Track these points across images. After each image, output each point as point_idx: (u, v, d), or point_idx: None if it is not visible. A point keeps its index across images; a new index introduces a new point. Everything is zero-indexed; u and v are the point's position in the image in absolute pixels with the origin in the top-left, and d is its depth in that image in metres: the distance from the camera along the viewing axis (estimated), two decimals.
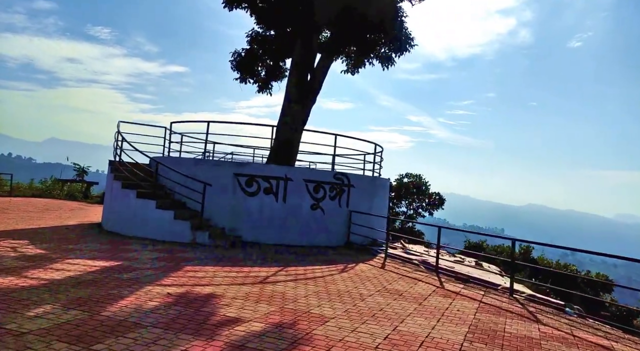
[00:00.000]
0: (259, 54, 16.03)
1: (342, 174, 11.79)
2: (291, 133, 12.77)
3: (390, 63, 15.09)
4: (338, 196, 11.58)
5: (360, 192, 12.03)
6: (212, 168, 10.77)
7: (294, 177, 11.05)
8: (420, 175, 22.11)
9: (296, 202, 11.08)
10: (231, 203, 10.69)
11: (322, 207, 11.35)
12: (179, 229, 9.64)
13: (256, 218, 10.78)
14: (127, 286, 5.36)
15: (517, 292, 7.22)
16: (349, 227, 11.64)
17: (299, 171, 11.16)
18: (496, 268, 13.00)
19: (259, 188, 10.80)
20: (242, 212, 10.72)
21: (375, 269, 8.42)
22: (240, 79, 16.18)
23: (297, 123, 12.88)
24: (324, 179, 11.39)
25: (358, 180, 12.04)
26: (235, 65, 16.01)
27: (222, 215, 10.65)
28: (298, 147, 13.08)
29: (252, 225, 10.76)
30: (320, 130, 13.11)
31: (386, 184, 13.77)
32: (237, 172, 10.72)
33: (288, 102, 13.20)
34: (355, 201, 11.85)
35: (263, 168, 10.94)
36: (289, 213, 11.00)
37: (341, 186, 11.64)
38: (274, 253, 9.33)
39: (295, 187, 11.07)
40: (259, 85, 16.60)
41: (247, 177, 10.76)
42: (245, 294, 5.52)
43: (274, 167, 11.09)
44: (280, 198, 10.94)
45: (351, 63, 15.92)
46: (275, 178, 10.91)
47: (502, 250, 22.15)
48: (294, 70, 13.54)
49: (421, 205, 21.68)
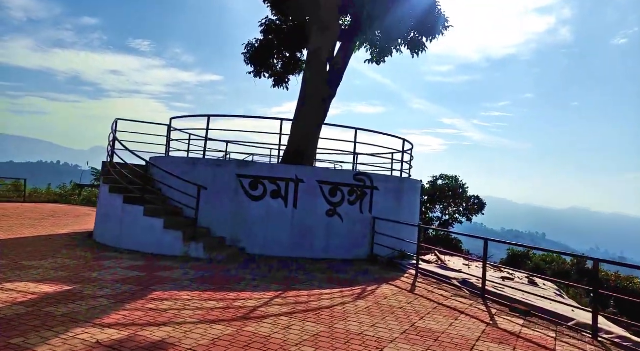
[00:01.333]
0: (275, 45, 14.54)
1: (364, 174, 10.02)
2: (308, 130, 11.12)
3: (420, 49, 13.20)
4: (359, 200, 9.82)
5: (385, 196, 10.21)
6: (212, 169, 9.28)
7: (305, 178, 9.39)
8: (457, 176, 19.95)
9: (309, 207, 9.41)
10: (233, 209, 9.15)
11: (340, 213, 9.62)
12: (170, 240, 8.18)
13: (262, 226, 9.19)
14: (47, 329, 3.85)
15: (602, 331, 5.21)
16: (372, 237, 9.84)
17: (312, 171, 9.50)
18: (553, 286, 10.80)
19: (265, 192, 9.22)
20: (245, 219, 9.15)
21: (402, 294, 6.60)
22: (255, 73, 14.76)
23: (315, 119, 11.22)
24: (342, 180, 9.67)
25: (383, 181, 10.23)
26: (248, 57, 14.61)
27: (222, 223, 9.12)
28: (316, 145, 11.42)
29: (256, 235, 9.17)
30: (340, 124, 11.37)
31: (417, 186, 11.86)
32: (239, 173, 9.18)
33: (304, 95, 11.57)
34: (380, 206, 10.05)
35: (270, 169, 9.36)
36: (300, 221, 9.35)
37: (363, 188, 9.87)
38: (278, 270, 7.68)
39: (307, 190, 9.41)
40: (274, 79, 15.14)
41: (251, 179, 9.20)
42: (210, 341, 3.88)
43: (282, 167, 9.47)
44: (290, 202, 9.30)
45: (376, 51, 14.15)
46: (283, 180, 9.29)
47: (552, 260, 19.59)
48: (311, 60, 11.90)
49: (458, 210, 19.51)
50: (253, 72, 14.61)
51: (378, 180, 10.12)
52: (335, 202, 9.59)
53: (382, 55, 14.14)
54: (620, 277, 16.91)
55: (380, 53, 14.08)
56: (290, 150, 10.93)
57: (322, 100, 11.52)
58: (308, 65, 11.94)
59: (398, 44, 13.70)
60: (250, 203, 9.17)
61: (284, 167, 9.45)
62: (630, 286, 16.39)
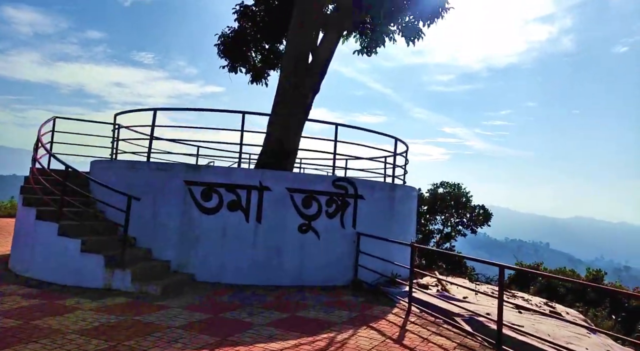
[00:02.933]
0: (252, 35, 12.84)
1: (346, 180, 8.19)
2: (287, 130, 9.32)
3: (417, 36, 11.45)
4: (340, 212, 7.98)
5: (373, 206, 8.37)
6: (154, 175, 7.46)
7: (272, 185, 7.57)
8: (459, 184, 18.08)
9: (276, 221, 7.57)
10: (181, 225, 7.32)
11: (316, 229, 7.77)
12: (88, 267, 6.31)
13: (216, 246, 7.34)
14: None
15: None
16: (356, 258, 7.98)
17: (281, 176, 7.67)
18: (578, 315, 8.88)
19: (220, 203, 7.39)
20: (196, 237, 7.31)
21: (385, 346, 4.72)
22: (230, 67, 13.03)
23: (294, 117, 9.42)
24: (319, 188, 7.84)
25: (370, 188, 8.40)
26: (222, 50, 12.91)
27: (167, 242, 7.28)
28: (297, 147, 9.62)
29: (209, 258, 7.31)
30: (318, 119, 9.59)
31: (412, 194, 10.01)
32: (189, 179, 7.37)
33: (283, 90, 9.81)
34: (366, 219, 8.20)
35: (227, 173, 7.52)
36: (265, 239, 7.50)
37: (344, 197, 8.03)
38: (227, 306, 5.82)
39: (275, 200, 7.58)
40: (252, 74, 13.42)
41: (203, 187, 7.38)
42: None
43: (243, 171, 7.64)
44: (253, 216, 7.46)
45: (366, 40, 12.44)
46: (244, 188, 7.46)
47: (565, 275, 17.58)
48: (291, 50, 10.17)
49: (461, 221, 17.59)
50: (227, 66, 12.91)
51: (364, 186, 8.29)
52: (310, 214, 7.75)
53: (374, 45, 12.41)
54: None
55: (371, 42, 12.36)
56: (266, 151, 9.15)
57: (303, 95, 9.75)
58: (286, 56, 10.19)
59: (391, 32, 12.00)
60: (202, 217, 7.34)
61: (244, 171, 7.63)
62: None
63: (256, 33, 12.77)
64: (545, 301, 9.46)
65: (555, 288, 15.88)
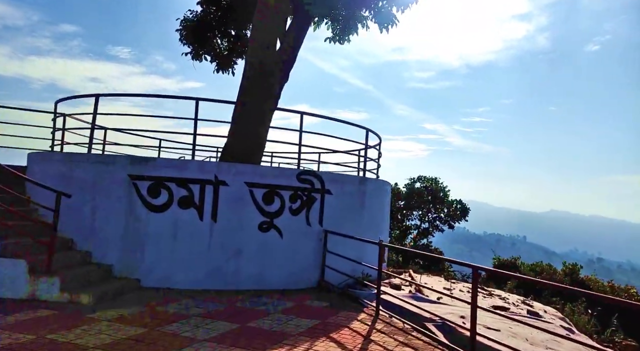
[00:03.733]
0: (217, 19, 12.04)
1: (312, 173, 7.54)
2: (253, 121, 8.58)
3: (391, 22, 10.87)
4: (305, 208, 7.33)
5: (342, 201, 7.76)
6: (94, 168, 6.65)
7: (229, 179, 6.86)
8: (437, 178, 17.69)
9: (234, 219, 6.87)
10: (124, 225, 6.54)
11: (279, 227, 7.11)
12: (8, 274, 5.48)
13: (165, 248, 6.60)
14: None
15: None
16: (323, 258, 7.36)
17: (239, 170, 6.96)
18: (557, 314, 8.50)
19: (171, 199, 6.64)
20: (142, 238, 6.55)
21: None
22: (193, 55, 12.19)
23: (261, 107, 8.68)
24: (282, 182, 7.17)
25: (338, 182, 7.77)
26: (184, 35, 12.07)
27: (108, 244, 6.50)
28: (264, 140, 8.89)
29: (158, 260, 6.57)
30: (283, 107, 8.90)
31: (385, 188, 9.44)
32: (133, 173, 6.59)
33: (248, 78, 9.07)
34: (333, 215, 7.58)
35: (178, 166, 6.76)
36: (221, 239, 6.79)
37: (310, 192, 7.39)
38: (174, 313, 5.12)
39: (232, 196, 6.87)
40: (218, 62, 12.62)
41: (151, 181, 6.61)
42: None
43: (196, 164, 6.89)
44: (208, 213, 6.74)
45: (338, 27, 11.78)
46: (197, 182, 6.73)
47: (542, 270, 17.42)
48: (256, 35, 9.42)
49: (439, 217, 17.22)
50: (191, 52, 12.06)
51: (331, 181, 7.66)
52: (272, 211, 7.08)
53: (346, 33, 11.77)
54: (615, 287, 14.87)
55: (344, 29, 11.71)
56: (231, 143, 8.43)
57: (271, 83, 9.03)
58: (253, 41, 9.43)
59: (364, 18, 11.39)
60: (150, 216, 6.58)
61: (197, 163, 6.88)
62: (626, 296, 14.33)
63: (221, 18, 11.98)
64: (522, 299, 9.08)
65: (533, 283, 15.67)
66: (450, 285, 8.63)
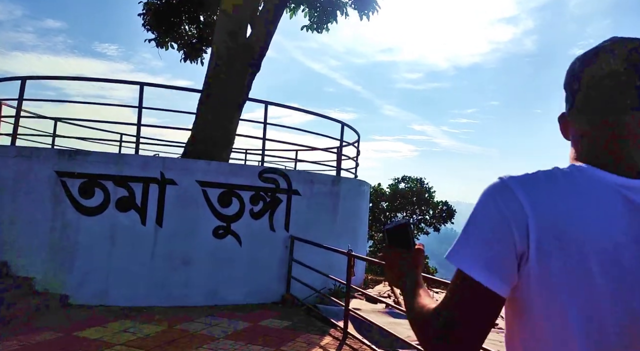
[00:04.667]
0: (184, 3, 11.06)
1: (276, 172, 6.61)
2: (220, 114, 7.62)
3: (371, 9, 10.08)
4: (268, 211, 6.41)
5: (311, 203, 6.86)
6: (14, 163, 5.63)
7: (179, 177, 5.90)
8: (422, 179, 16.90)
9: (184, 223, 5.91)
10: (50, 230, 5.53)
11: (237, 233, 6.17)
12: None
13: (100, 257, 5.60)
14: None
15: None
16: (288, 268, 6.44)
17: (189, 167, 6.01)
18: None
19: (107, 200, 5.65)
20: (72, 246, 5.55)
21: None
22: (158, 42, 11.19)
23: (228, 99, 7.72)
24: (241, 181, 6.24)
25: (307, 182, 6.87)
26: (147, 20, 11.06)
27: (30, 253, 5.48)
28: (233, 135, 7.94)
29: (91, 272, 5.57)
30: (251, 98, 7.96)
31: (362, 189, 8.55)
32: (62, 170, 5.59)
33: (216, 67, 8.10)
34: (302, 219, 6.67)
35: (116, 162, 5.77)
36: (168, 247, 5.83)
37: (274, 193, 6.47)
38: (94, 339, 4.14)
39: (182, 197, 5.91)
40: (185, 51, 11.64)
41: (82, 179, 5.62)
42: None
43: (138, 159, 5.89)
44: (152, 217, 5.77)
45: (316, 15, 10.89)
46: (140, 181, 5.75)
47: None
48: (224, 20, 8.46)
49: (424, 219, 16.42)
50: (155, 39, 11.06)
51: (300, 180, 6.75)
52: (230, 214, 6.14)
53: (325, 21, 10.91)
54: None
55: (322, 17, 10.84)
56: (196, 138, 7.47)
57: (240, 72, 8.07)
58: (220, 26, 8.46)
59: (343, 4, 10.55)
60: (82, 220, 5.58)
61: (140, 158, 5.89)
62: None
63: (188, 2, 11.01)
64: None
65: None
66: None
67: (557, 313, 0.75)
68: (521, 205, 0.76)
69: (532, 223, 0.75)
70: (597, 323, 0.74)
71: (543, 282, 0.75)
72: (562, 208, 0.75)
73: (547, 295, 0.75)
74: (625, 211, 0.74)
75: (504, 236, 0.76)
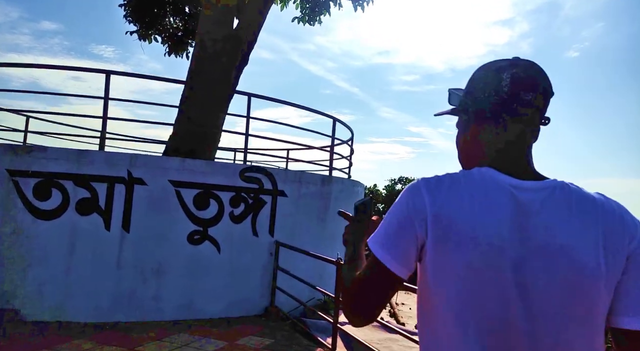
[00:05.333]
0: None
1: (259, 170, 5.98)
2: (205, 108, 7.00)
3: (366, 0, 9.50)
4: (251, 214, 5.77)
5: (299, 206, 6.23)
6: None
7: (148, 176, 5.26)
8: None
9: (155, 228, 5.27)
10: (0, 236, 4.87)
11: (215, 238, 5.53)
12: None
13: (58, 266, 4.94)
14: None
15: None
16: (273, 277, 5.80)
17: (161, 165, 5.37)
18: None
19: (66, 202, 4.99)
20: (23, 254, 4.89)
21: None
22: (140, 35, 10.57)
23: (213, 93, 7.09)
24: (220, 180, 5.60)
25: (295, 182, 6.24)
26: (129, 11, 10.45)
27: None
28: (218, 132, 7.32)
29: (47, 284, 4.91)
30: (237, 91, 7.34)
31: (355, 190, 7.92)
32: (13, 168, 4.93)
33: (200, 59, 7.48)
34: (288, 223, 6.04)
35: (76, 159, 5.12)
36: (136, 254, 5.17)
37: (257, 194, 5.83)
38: None
39: (152, 198, 5.27)
40: (169, 44, 11.03)
41: (37, 178, 4.96)
42: None
43: (101, 156, 5.24)
44: (117, 222, 5.12)
45: (308, 6, 10.29)
46: (104, 180, 5.10)
47: None
48: (209, 7, 7.83)
49: None
50: (137, 31, 10.44)
51: (286, 180, 6.12)
52: (207, 218, 5.50)
53: (317, 12, 10.31)
54: None
55: (314, 8, 10.25)
56: (178, 134, 6.85)
57: (226, 65, 7.44)
58: (205, 16, 7.81)
59: None
60: (36, 224, 4.92)
61: (104, 155, 5.24)
62: None
63: None
64: None
65: None
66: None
67: (442, 297, 0.87)
68: (424, 202, 0.89)
69: (430, 218, 0.88)
70: (474, 308, 0.84)
71: (436, 269, 0.88)
72: (455, 205, 0.87)
73: (438, 281, 0.88)
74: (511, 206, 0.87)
75: (407, 228, 0.90)
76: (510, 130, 0.93)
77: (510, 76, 0.92)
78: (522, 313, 0.80)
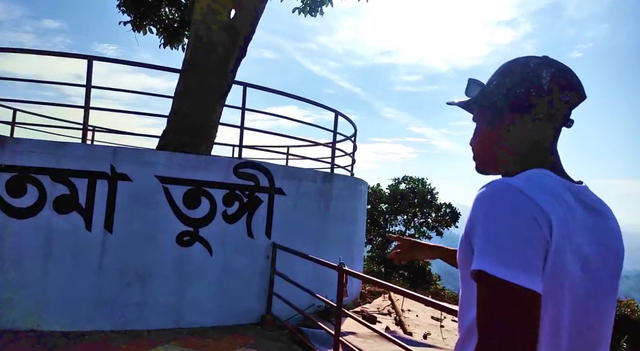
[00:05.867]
0: None
1: (255, 166, 5.52)
2: (200, 102, 6.55)
3: None
4: (246, 213, 5.32)
5: (298, 204, 5.77)
6: None
7: (133, 171, 4.81)
8: (424, 179, 15.82)
9: (140, 229, 4.82)
10: None
11: (207, 240, 5.08)
12: None
13: (33, 269, 4.51)
14: None
15: None
16: (270, 282, 5.35)
17: (148, 159, 4.92)
18: None
19: (42, 199, 4.56)
20: None
21: None
22: (135, 26, 10.14)
23: (209, 86, 6.64)
24: (212, 177, 5.15)
25: (294, 180, 5.79)
26: (123, 1, 10.03)
27: None
28: (214, 127, 6.87)
29: (21, 289, 4.48)
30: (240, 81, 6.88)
31: (358, 188, 7.47)
32: None
33: (194, 50, 7.03)
34: (286, 224, 5.59)
35: (54, 153, 4.68)
36: (120, 257, 4.73)
37: (253, 192, 5.38)
38: None
39: (137, 196, 4.82)
40: (165, 36, 10.60)
41: (10, 173, 4.53)
42: None
43: (82, 149, 4.79)
44: (99, 221, 4.68)
45: None
46: (84, 176, 4.66)
47: None
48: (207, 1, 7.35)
49: (426, 222, 15.33)
50: (131, 22, 10.01)
51: (284, 176, 5.66)
52: (198, 217, 5.06)
53: (319, 3, 9.87)
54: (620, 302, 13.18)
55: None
56: (172, 128, 6.41)
57: (222, 57, 6.98)
58: (200, 6, 7.35)
59: None
60: (9, 223, 4.49)
61: (84, 148, 4.79)
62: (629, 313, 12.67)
63: None
64: None
65: None
66: (440, 315, 6.68)
67: (552, 307, 0.81)
68: (540, 206, 0.80)
69: (554, 222, 0.79)
70: (566, 309, 0.82)
71: (552, 278, 0.80)
72: (560, 210, 0.82)
73: (551, 287, 0.80)
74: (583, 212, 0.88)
75: (538, 234, 0.78)
76: (546, 129, 0.93)
77: (550, 74, 0.92)
78: (587, 311, 0.85)
